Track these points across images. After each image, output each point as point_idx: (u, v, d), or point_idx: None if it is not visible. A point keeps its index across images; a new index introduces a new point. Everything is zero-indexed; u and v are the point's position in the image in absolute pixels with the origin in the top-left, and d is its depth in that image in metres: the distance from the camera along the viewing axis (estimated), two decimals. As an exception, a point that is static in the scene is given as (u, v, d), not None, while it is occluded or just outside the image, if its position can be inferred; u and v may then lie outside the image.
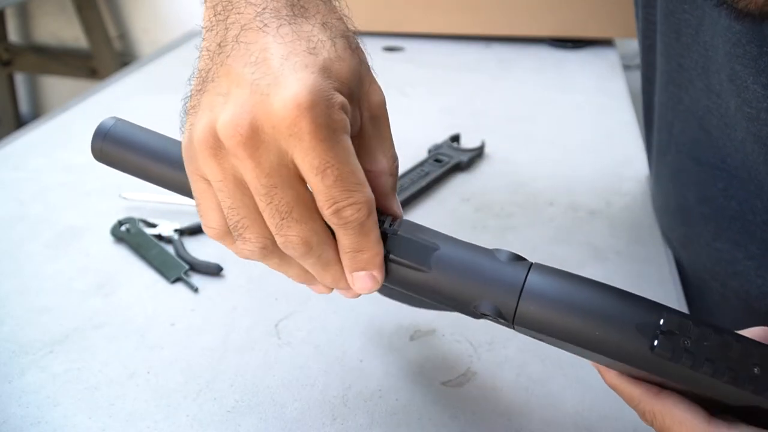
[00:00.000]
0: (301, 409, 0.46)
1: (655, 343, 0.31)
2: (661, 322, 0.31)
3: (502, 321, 0.33)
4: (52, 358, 0.49)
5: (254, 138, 0.29)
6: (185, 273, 0.58)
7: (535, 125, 0.86)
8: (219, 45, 0.32)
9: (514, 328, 0.34)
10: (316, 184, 0.30)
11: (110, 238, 0.62)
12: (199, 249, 0.61)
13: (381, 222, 0.34)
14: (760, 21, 0.40)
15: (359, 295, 0.35)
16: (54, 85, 2.18)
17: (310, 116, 0.28)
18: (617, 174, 0.76)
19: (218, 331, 0.52)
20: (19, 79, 2.16)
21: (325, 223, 0.32)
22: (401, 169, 0.72)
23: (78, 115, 0.89)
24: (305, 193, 0.31)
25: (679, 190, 0.59)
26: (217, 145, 0.30)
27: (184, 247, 0.61)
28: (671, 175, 0.61)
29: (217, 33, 0.32)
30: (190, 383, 0.47)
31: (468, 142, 0.79)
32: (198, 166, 0.32)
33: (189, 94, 0.33)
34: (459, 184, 0.74)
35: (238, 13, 0.32)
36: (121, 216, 0.64)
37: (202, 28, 0.34)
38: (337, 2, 0.35)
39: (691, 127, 0.55)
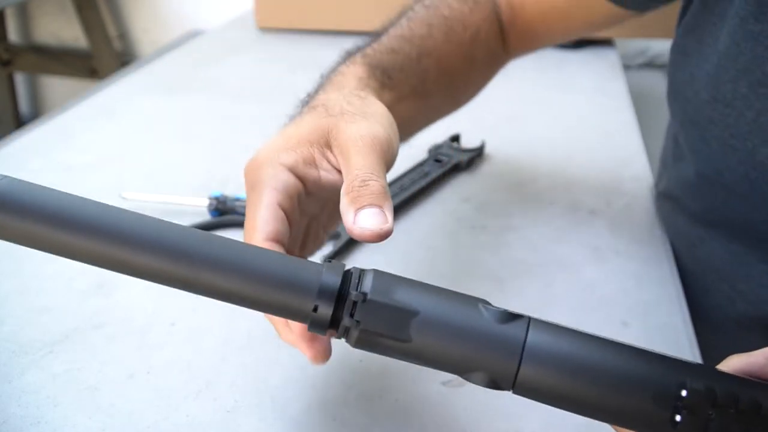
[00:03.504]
0: (301, 409, 0.46)
1: (678, 418, 0.28)
2: (683, 393, 0.29)
3: (499, 389, 0.31)
4: (52, 358, 0.49)
5: None
6: (185, 273, 0.58)
7: (536, 125, 0.86)
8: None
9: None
10: None
11: (110, 238, 0.62)
12: (199, 249, 0.61)
13: (348, 278, 0.31)
14: None
15: None
16: (54, 85, 2.17)
17: (245, 171, 0.39)
18: (617, 174, 0.76)
19: (218, 331, 0.52)
20: (19, 79, 2.16)
21: None
22: (401, 170, 0.73)
23: (78, 115, 0.89)
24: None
25: (694, 197, 0.59)
26: None
27: (184, 247, 0.60)
28: (683, 182, 0.61)
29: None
30: (190, 383, 0.47)
31: (468, 142, 0.79)
32: None
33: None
34: (459, 184, 0.74)
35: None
36: (121, 216, 0.64)
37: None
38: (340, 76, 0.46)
39: (693, 139, 0.55)
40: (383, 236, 0.34)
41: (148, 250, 0.29)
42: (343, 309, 0.30)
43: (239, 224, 0.65)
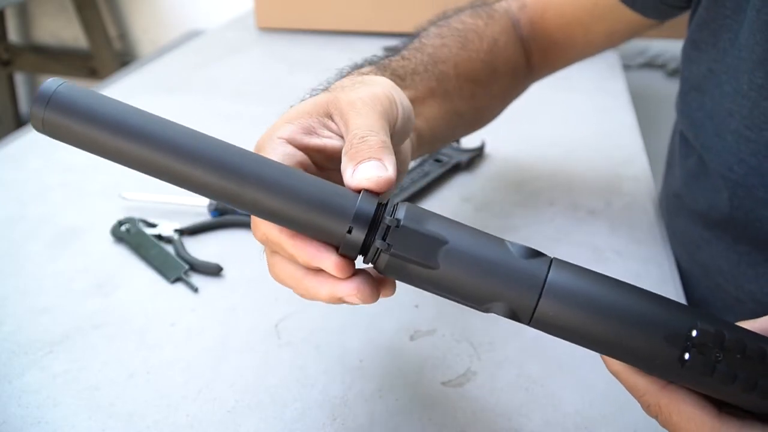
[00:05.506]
0: (301, 409, 0.46)
1: (686, 356, 0.29)
2: (694, 333, 0.30)
3: (517, 321, 0.32)
4: (52, 358, 0.49)
5: None
6: (185, 273, 0.58)
7: (535, 125, 0.86)
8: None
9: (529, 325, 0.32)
10: None
11: (110, 238, 0.62)
12: (199, 249, 0.61)
13: (382, 208, 0.32)
14: None
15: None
16: (54, 85, 2.17)
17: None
18: (617, 174, 0.76)
19: (218, 331, 0.52)
20: (19, 79, 2.16)
21: None
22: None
23: (78, 115, 0.89)
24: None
25: (699, 195, 0.59)
26: None
27: (184, 247, 0.61)
28: (689, 179, 0.61)
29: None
30: (190, 383, 0.47)
31: (468, 142, 0.79)
32: None
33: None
34: (459, 184, 0.74)
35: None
36: (121, 216, 0.64)
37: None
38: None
39: (707, 134, 0.55)
40: (383, 185, 0.33)
41: (200, 162, 0.31)
42: (376, 234, 0.31)
43: (239, 224, 0.65)
